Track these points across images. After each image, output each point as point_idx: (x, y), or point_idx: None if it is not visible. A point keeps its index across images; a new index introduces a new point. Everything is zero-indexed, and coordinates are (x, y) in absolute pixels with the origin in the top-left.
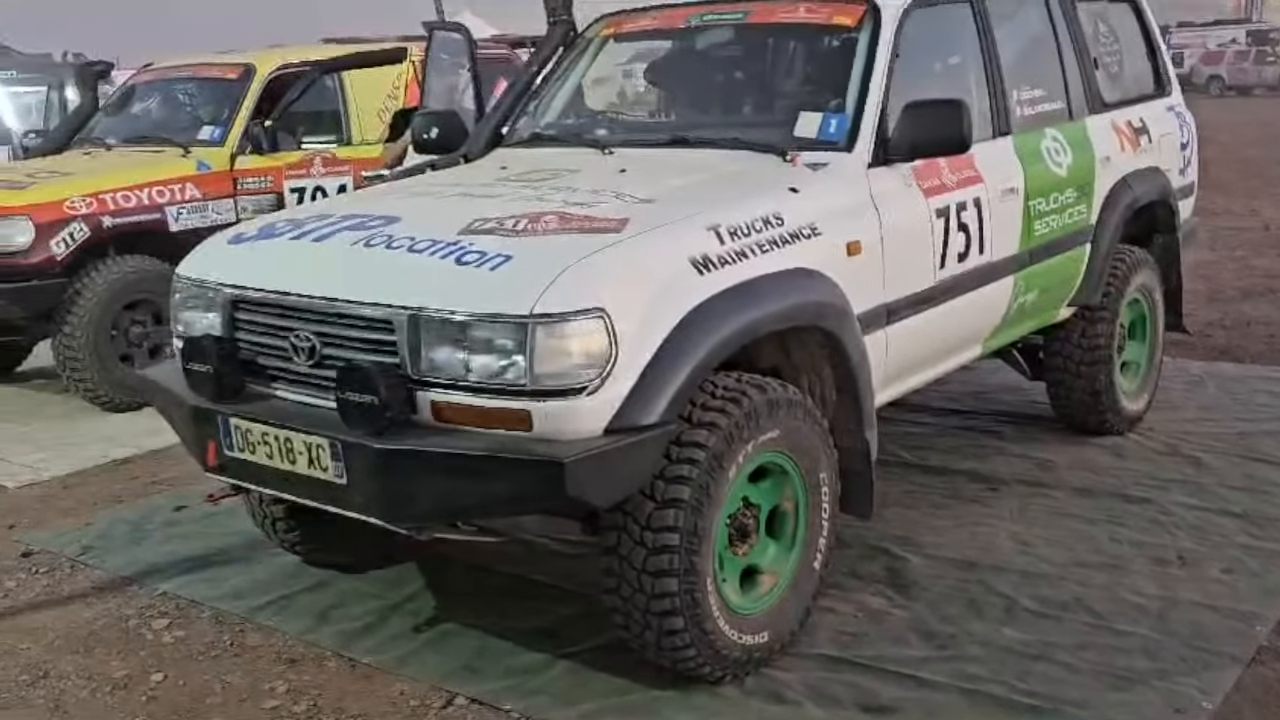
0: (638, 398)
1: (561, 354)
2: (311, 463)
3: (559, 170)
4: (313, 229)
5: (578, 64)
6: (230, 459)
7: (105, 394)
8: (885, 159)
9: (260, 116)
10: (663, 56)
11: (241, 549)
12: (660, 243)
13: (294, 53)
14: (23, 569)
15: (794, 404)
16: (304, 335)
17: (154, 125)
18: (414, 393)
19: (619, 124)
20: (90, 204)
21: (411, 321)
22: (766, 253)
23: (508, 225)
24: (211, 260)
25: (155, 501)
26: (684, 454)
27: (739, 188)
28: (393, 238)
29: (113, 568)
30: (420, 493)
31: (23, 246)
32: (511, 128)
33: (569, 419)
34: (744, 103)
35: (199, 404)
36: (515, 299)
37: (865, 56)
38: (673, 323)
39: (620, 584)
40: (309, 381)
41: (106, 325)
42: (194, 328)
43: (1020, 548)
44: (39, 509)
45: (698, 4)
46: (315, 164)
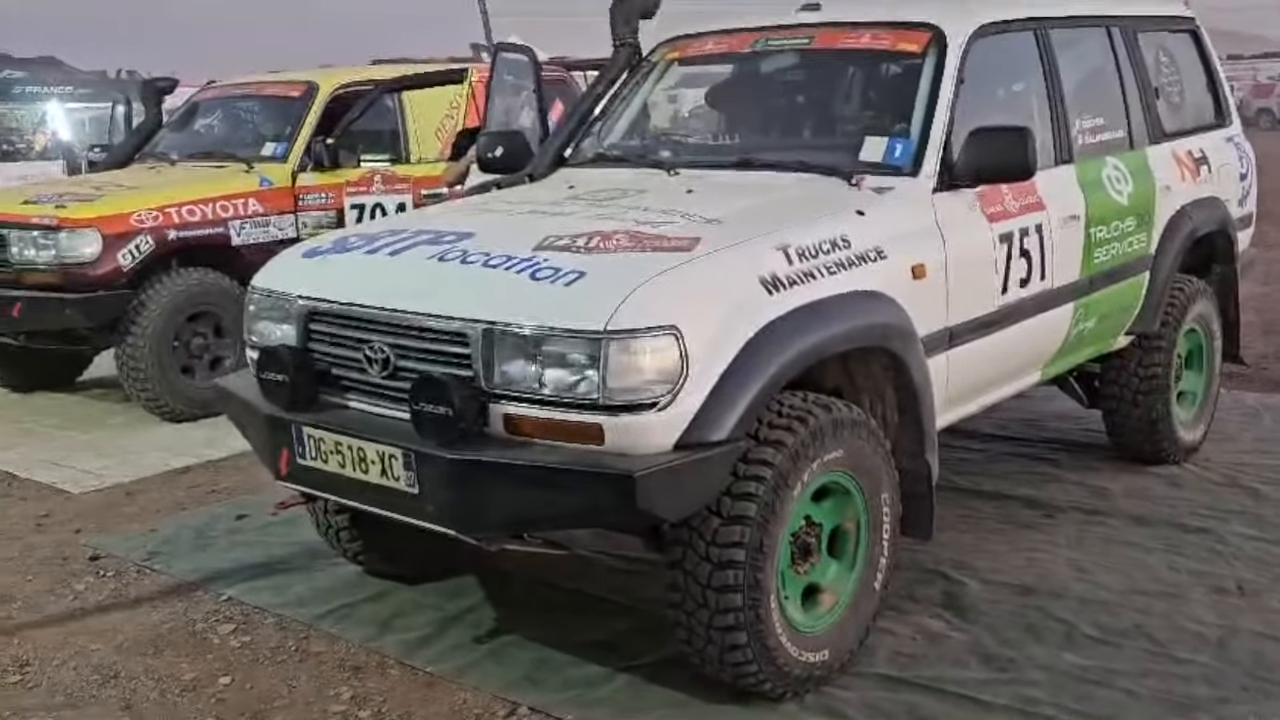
0: (707, 414)
1: (634, 370)
2: (384, 472)
3: (626, 190)
4: (387, 243)
5: (641, 86)
6: (302, 467)
7: (166, 404)
8: (950, 184)
9: (322, 134)
10: (726, 80)
11: (303, 558)
12: (731, 262)
13: (356, 72)
14: (91, 572)
15: (858, 424)
16: (378, 347)
17: (217, 141)
18: (487, 405)
19: (683, 146)
20: (156, 217)
21: (486, 335)
22: (833, 274)
23: (580, 243)
24: (287, 273)
25: (217, 510)
26: (751, 471)
27: (806, 210)
28: (467, 253)
29: (178, 573)
30: (491, 503)
31: (90, 258)
32: (576, 148)
33: (640, 434)
34: (808, 126)
35: (273, 413)
36: (589, 315)
37: (930, 82)
38: (742, 341)
39: (684, 599)
40: (382, 392)
41: (169, 337)
42: (268, 338)
43: (1078, 574)
44: (104, 514)
45: (762, 29)
46: (375, 181)
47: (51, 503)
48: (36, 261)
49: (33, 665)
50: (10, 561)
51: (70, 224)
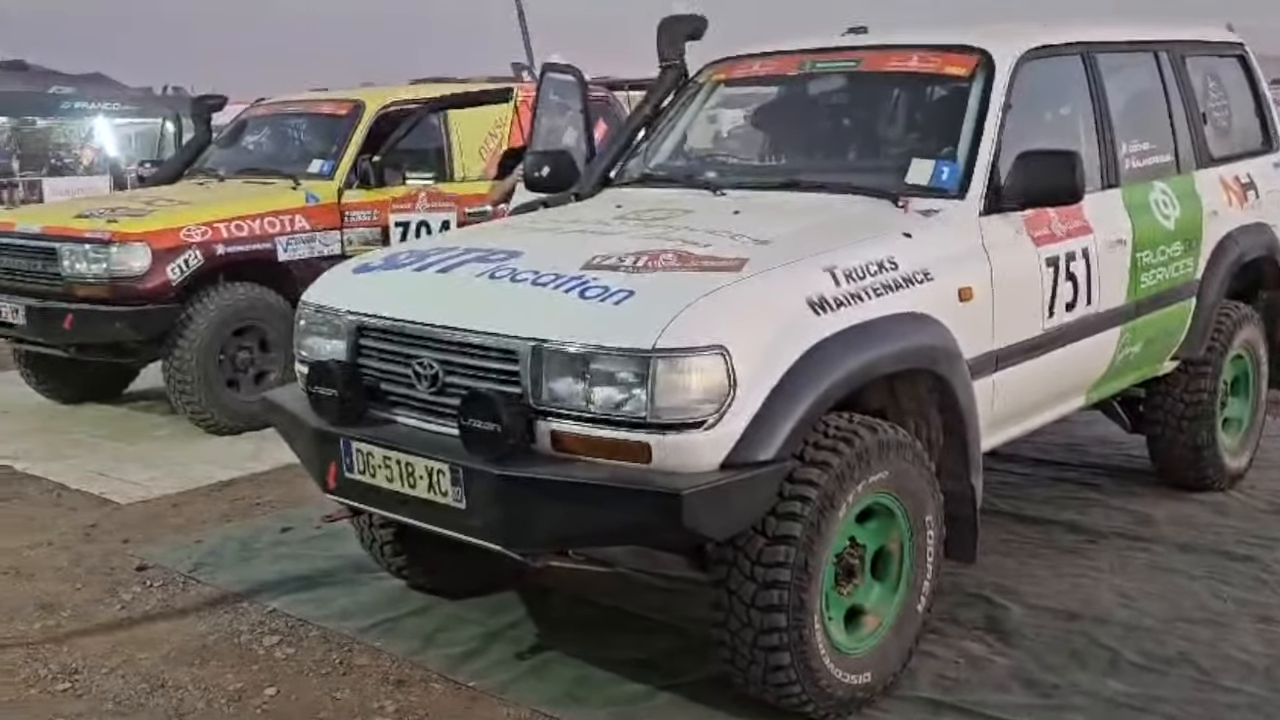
0: (754, 434)
1: (682, 389)
2: (431, 487)
3: (673, 210)
4: (437, 260)
5: (688, 107)
6: (350, 481)
7: (211, 417)
8: (996, 207)
9: (368, 152)
10: (771, 101)
11: (346, 571)
12: (779, 283)
13: (402, 91)
14: (138, 582)
15: (903, 446)
16: (427, 363)
17: (265, 158)
18: (534, 421)
19: (729, 166)
20: (204, 232)
21: (535, 352)
22: (881, 296)
23: (628, 262)
24: (337, 288)
25: (261, 522)
26: (796, 491)
27: (853, 231)
28: (516, 271)
29: (224, 584)
30: (538, 519)
31: (139, 271)
32: (622, 168)
33: (687, 453)
34: (855, 148)
35: (321, 427)
36: (638, 333)
37: (978, 106)
38: (790, 361)
39: (728, 618)
40: (430, 408)
41: (215, 350)
42: (318, 353)
43: (1122, 601)
44: (151, 525)
45: (810, 51)
46: (420, 199)
47: (100, 513)
48: (87, 275)
49: (82, 673)
50: (60, 570)
51: (121, 238)
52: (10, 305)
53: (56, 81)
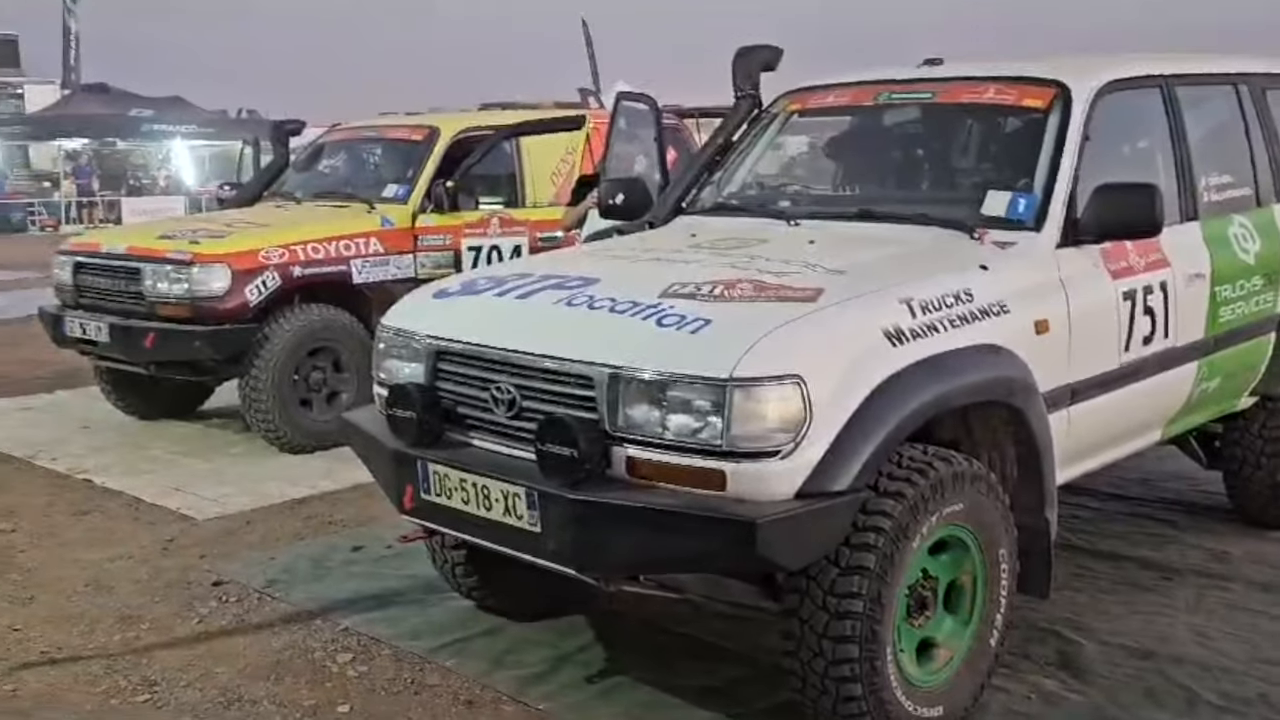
0: (829, 464)
1: (757, 417)
2: (507, 510)
3: (748, 239)
4: (515, 287)
5: (761, 137)
6: (426, 502)
7: (285, 435)
8: (1074, 240)
9: (442, 177)
10: (845, 131)
11: (417, 591)
12: (855, 313)
13: (476, 117)
14: (214, 597)
15: (978, 478)
16: (505, 387)
17: (341, 181)
18: (610, 447)
19: (802, 196)
20: (282, 254)
21: (612, 379)
22: (957, 327)
23: (705, 290)
24: (417, 313)
25: (333, 540)
26: (870, 522)
27: (929, 263)
28: (594, 298)
29: (297, 601)
30: (612, 544)
31: (219, 292)
32: (695, 197)
33: (762, 481)
34: (930, 179)
35: (399, 448)
36: (715, 362)
37: (1055, 138)
38: (866, 392)
39: (800, 647)
40: (507, 432)
41: (290, 370)
42: (397, 375)
43: (1199, 639)
44: (226, 541)
45: (885, 83)
46: (493, 224)
47: (177, 528)
48: (169, 295)
49: (160, 685)
50: (139, 584)
51: (202, 259)
52: (95, 323)
53: (137, 104)
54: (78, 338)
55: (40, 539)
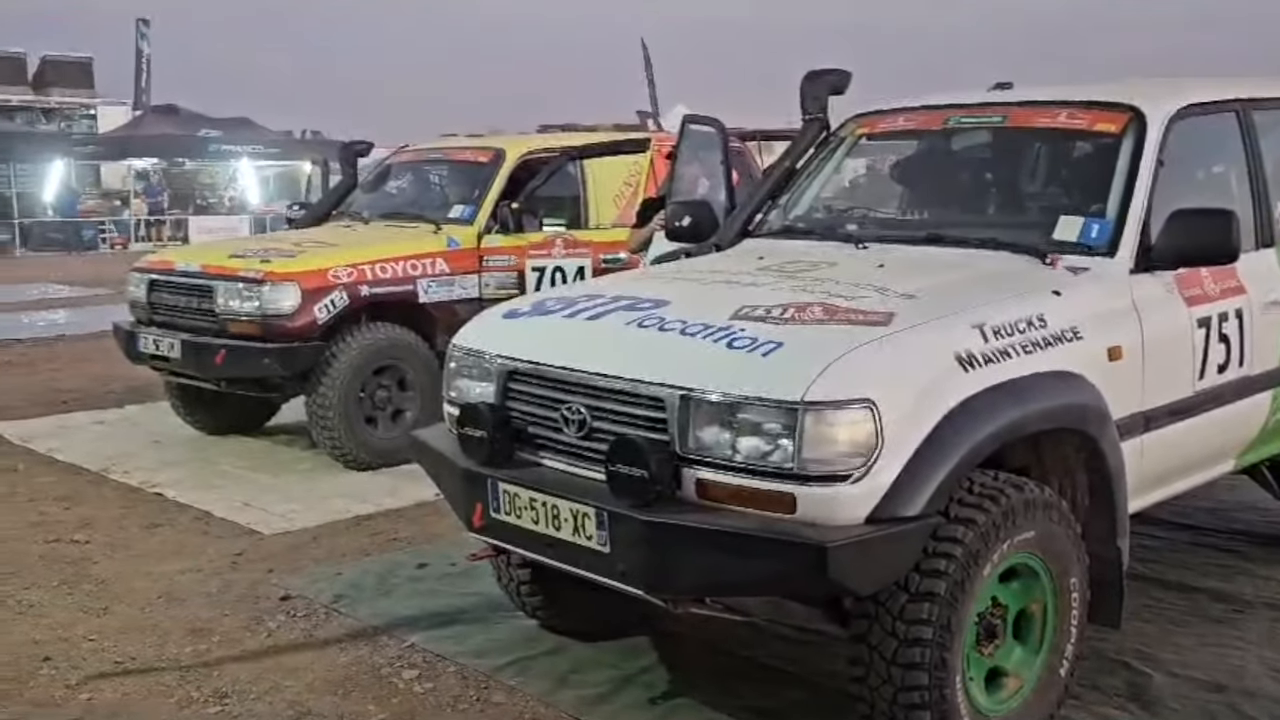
0: (901, 489)
1: (829, 441)
2: (576, 530)
3: (817, 262)
4: (585, 308)
5: (829, 161)
6: (496, 521)
7: (350, 452)
8: (1147, 266)
9: (507, 198)
10: (913, 155)
11: (481, 609)
12: (927, 338)
13: (541, 139)
14: (282, 611)
15: (1050, 506)
16: (575, 408)
17: (408, 202)
18: (680, 469)
19: (870, 219)
20: (350, 274)
21: (683, 401)
22: (1029, 353)
23: (775, 313)
24: (487, 333)
25: (398, 557)
26: (941, 548)
27: (1001, 288)
28: (665, 320)
29: (363, 617)
30: (682, 566)
31: (289, 310)
32: (762, 220)
33: (832, 505)
34: (1000, 204)
35: (470, 467)
36: (786, 385)
37: (1129, 163)
38: (937, 417)
39: (868, 674)
40: (577, 452)
41: (356, 388)
42: (468, 395)
43: (1272, 674)
44: (293, 556)
45: (955, 106)
46: (557, 245)
47: (245, 542)
48: (240, 312)
49: (231, 698)
50: (209, 597)
51: (273, 278)
52: (167, 340)
53: (205, 125)
54: (151, 354)
55: (114, 551)
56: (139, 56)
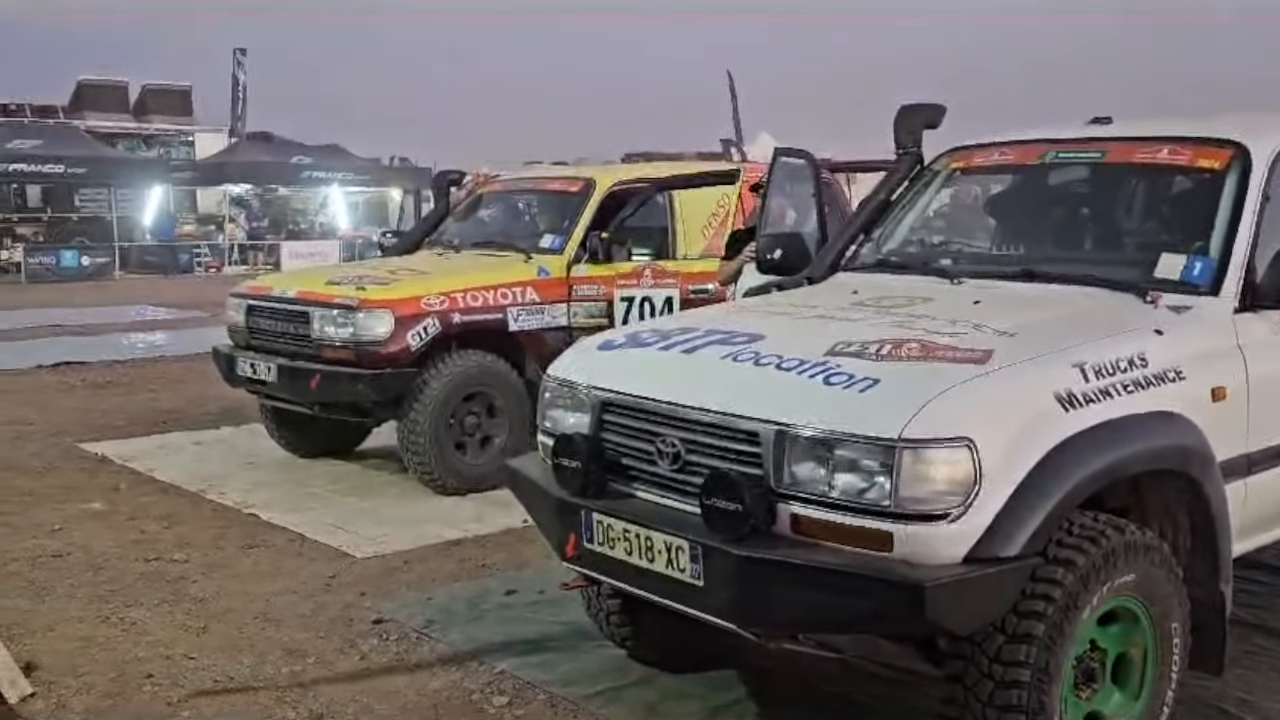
0: (999, 529)
1: (926, 480)
2: (669, 563)
3: (912, 297)
4: (680, 341)
5: (923, 195)
6: (588, 551)
7: (439, 478)
8: (1252, 305)
9: (596, 228)
10: (1008, 189)
11: (570, 637)
12: (1027, 376)
13: (631, 170)
14: (375, 635)
15: (1151, 549)
16: (670, 441)
17: (499, 231)
18: (775, 504)
19: (965, 254)
20: (443, 302)
21: (779, 436)
22: (1131, 393)
23: (872, 349)
24: (581, 364)
25: (487, 584)
26: (1040, 590)
27: (1101, 326)
28: (760, 354)
29: (454, 642)
30: (775, 602)
31: (383, 337)
32: (855, 253)
33: (930, 544)
34: (1098, 240)
35: (564, 497)
36: (884, 422)
37: (1233, 200)
38: (1037, 457)
39: (963, 715)
40: (671, 484)
41: (446, 415)
42: (562, 425)
43: None
44: (385, 580)
45: (1052, 141)
46: (645, 275)
47: (338, 565)
48: (335, 338)
49: (326, 719)
50: (303, 618)
51: (368, 305)
52: (264, 364)
53: (298, 152)
54: (248, 377)
55: (212, 570)
56: (236, 85)
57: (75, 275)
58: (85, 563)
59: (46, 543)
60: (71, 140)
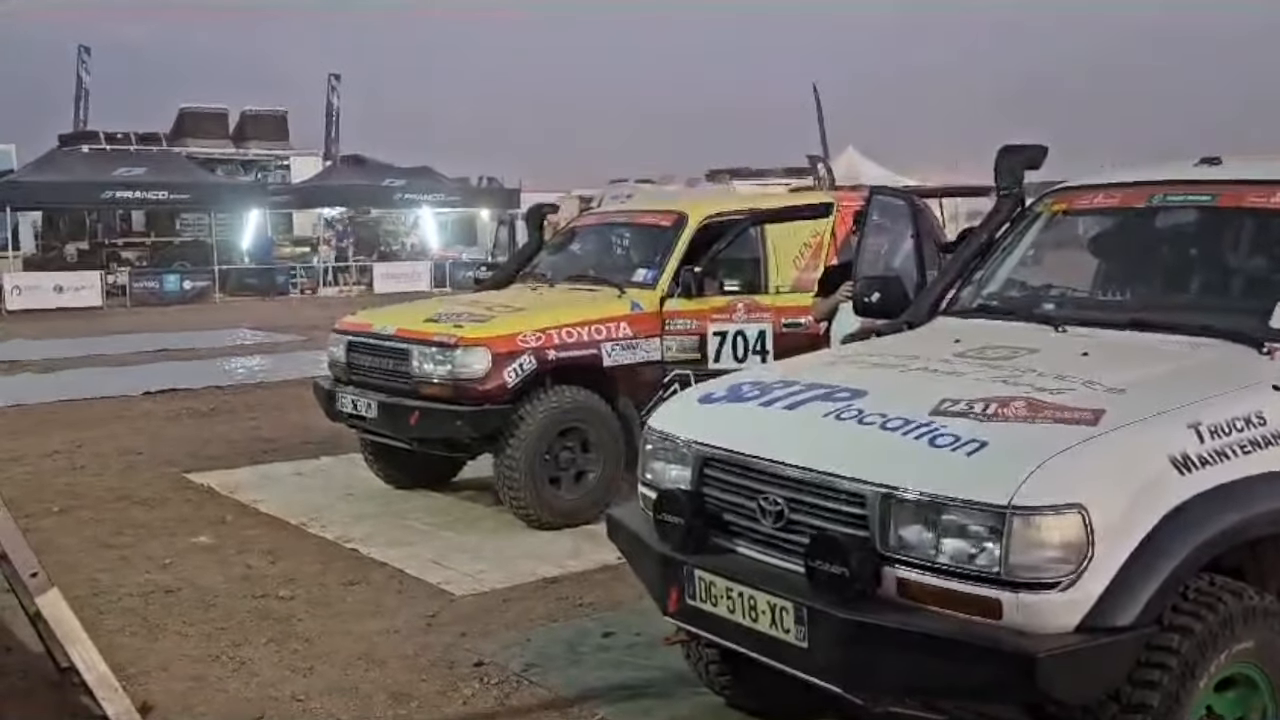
0: (1113, 598)
1: (1037, 547)
2: (774, 623)
3: (1016, 348)
4: (781, 396)
5: (1024, 236)
6: (691, 607)
7: (534, 513)
8: None
9: (689, 261)
10: (1112, 231)
11: (668, 683)
12: (1140, 439)
13: (723, 202)
14: (476, 678)
15: (1270, 614)
16: (773, 499)
17: (592, 265)
18: (881, 567)
19: (1067, 300)
20: (539, 338)
21: (884, 499)
22: (1248, 454)
23: (978, 409)
24: (682, 417)
25: (585, 625)
26: (1155, 658)
27: (1216, 381)
28: (864, 412)
29: (553, 686)
30: (882, 666)
31: (480, 374)
32: (955, 296)
33: (1040, 613)
34: (1209, 288)
35: (666, 552)
36: (993, 487)
37: None
38: (1152, 523)
39: None
40: (773, 542)
41: (541, 450)
42: (663, 478)
43: None
44: (484, 619)
45: (1159, 184)
46: (738, 309)
47: (438, 603)
48: (433, 375)
49: None
50: (406, 660)
51: (466, 342)
52: (364, 400)
53: (389, 174)
54: (349, 413)
55: (316, 608)
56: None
57: (178, 298)
58: (195, 599)
59: (158, 578)
60: (174, 166)
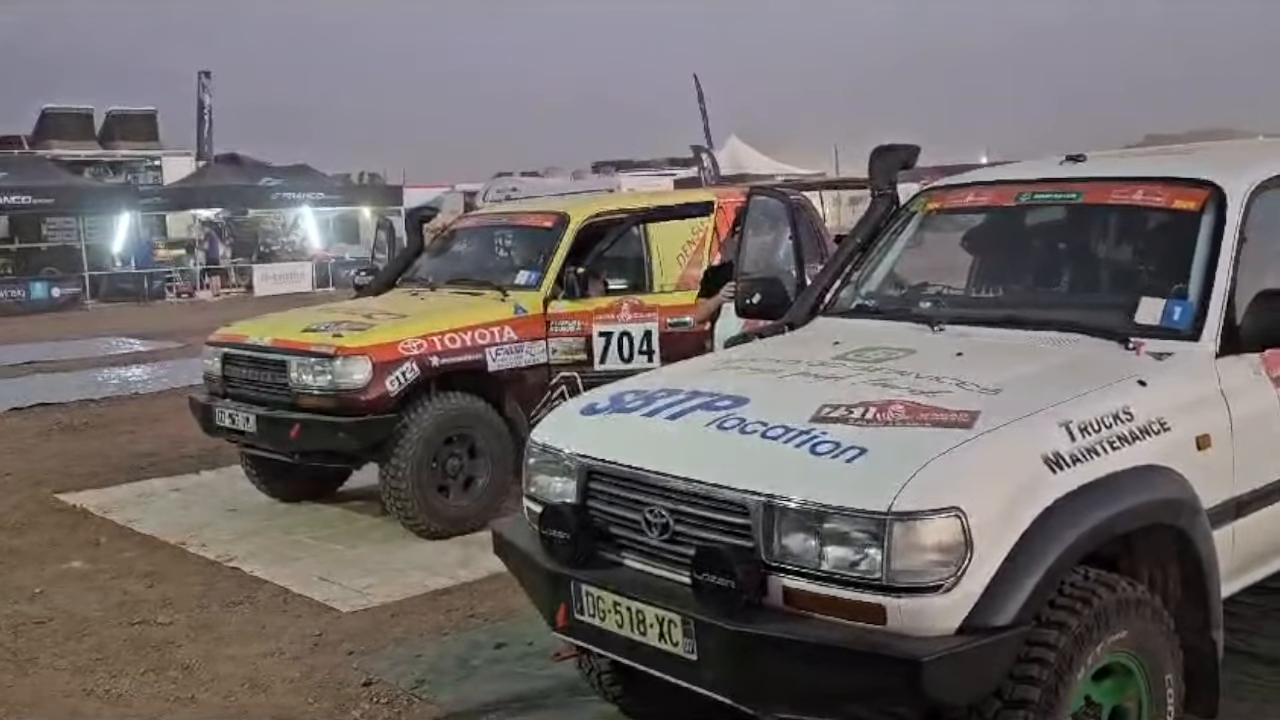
0: (992, 598)
1: (917, 551)
2: (662, 636)
3: (893, 349)
4: (663, 405)
5: (899, 236)
6: (580, 622)
7: (423, 522)
8: (1233, 348)
9: (571, 262)
10: (985, 229)
11: (561, 693)
12: (1014, 440)
13: (605, 203)
14: (365, 698)
15: (1142, 604)
16: (658, 511)
17: (474, 268)
18: (767, 576)
19: (943, 298)
20: (421, 345)
21: (768, 509)
22: (1117, 449)
23: (857, 414)
24: (566, 429)
25: (476, 636)
26: (1034, 654)
27: (1085, 378)
28: (745, 421)
29: (445, 703)
30: (771, 677)
31: (360, 384)
32: (833, 297)
33: (923, 616)
34: (1077, 284)
35: (553, 568)
36: (872, 494)
37: (1210, 241)
38: (1027, 522)
39: None
40: (660, 555)
41: (428, 458)
42: (547, 491)
43: None
44: (372, 636)
45: (1027, 182)
46: (623, 309)
47: (324, 620)
48: (313, 387)
49: None
50: (293, 683)
51: (345, 352)
52: (242, 414)
53: (266, 173)
54: (227, 427)
55: (197, 633)
56: (201, 108)
57: (46, 306)
58: (68, 629)
59: (27, 609)
60: (37, 170)
